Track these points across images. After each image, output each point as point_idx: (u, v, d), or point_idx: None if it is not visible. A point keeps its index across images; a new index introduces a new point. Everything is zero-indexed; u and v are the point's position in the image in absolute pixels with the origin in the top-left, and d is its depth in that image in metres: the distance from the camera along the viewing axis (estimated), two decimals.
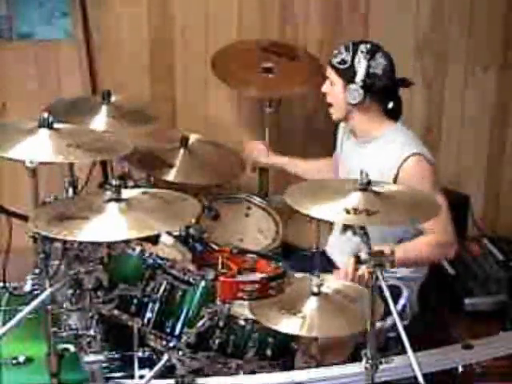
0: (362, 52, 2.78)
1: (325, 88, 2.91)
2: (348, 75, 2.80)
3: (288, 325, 2.24)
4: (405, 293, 2.85)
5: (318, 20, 3.64)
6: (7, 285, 2.80)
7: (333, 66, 2.84)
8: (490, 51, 3.76)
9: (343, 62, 2.80)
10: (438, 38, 3.71)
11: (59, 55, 3.49)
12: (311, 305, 2.27)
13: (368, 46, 2.80)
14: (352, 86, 2.79)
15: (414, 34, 3.69)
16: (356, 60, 2.78)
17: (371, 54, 2.78)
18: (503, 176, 3.94)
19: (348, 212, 2.02)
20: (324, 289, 2.30)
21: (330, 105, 2.91)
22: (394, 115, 2.90)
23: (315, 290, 2.28)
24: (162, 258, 2.53)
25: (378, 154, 2.83)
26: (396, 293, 2.81)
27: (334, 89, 2.86)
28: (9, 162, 2.26)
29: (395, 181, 2.74)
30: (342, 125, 3.08)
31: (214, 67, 3.37)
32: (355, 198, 2.07)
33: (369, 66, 2.78)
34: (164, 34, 3.57)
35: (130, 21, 3.52)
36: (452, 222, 2.78)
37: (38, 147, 2.20)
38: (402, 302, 2.82)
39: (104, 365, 2.50)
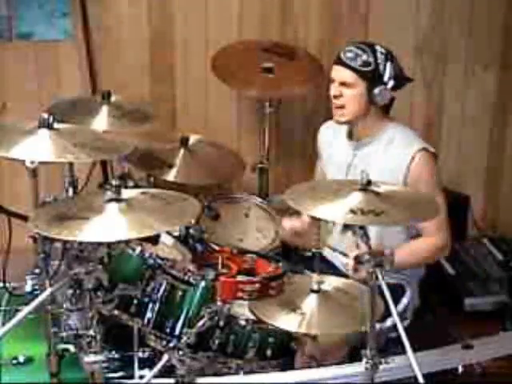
0: (381, 53, 2.76)
1: (336, 91, 2.80)
2: (374, 77, 2.74)
3: (287, 321, 2.24)
4: (408, 292, 2.85)
5: (318, 20, 3.64)
6: (7, 285, 2.81)
7: (353, 69, 2.75)
8: (490, 51, 3.76)
9: (367, 64, 2.74)
10: (438, 37, 3.71)
11: (59, 55, 3.49)
12: (311, 302, 2.27)
13: (381, 47, 2.78)
14: (380, 88, 2.75)
15: (414, 34, 3.69)
16: (379, 61, 2.75)
17: (390, 55, 2.78)
18: (503, 176, 3.94)
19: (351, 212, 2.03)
20: (324, 286, 2.30)
21: (341, 107, 2.80)
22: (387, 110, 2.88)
23: (315, 287, 2.28)
24: (162, 258, 2.53)
25: (385, 152, 2.81)
26: (399, 291, 2.81)
27: (352, 91, 2.76)
28: (9, 162, 2.26)
29: (406, 178, 2.74)
30: (324, 129, 3.04)
31: (213, 67, 3.37)
32: (355, 199, 2.07)
33: (394, 68, 2.77)
34: (164, 34, 3.57)
35: (130, 21, 3.52)
36: (449, 223, 2.78)
37: (38, 147, 2.20)
38: (404, 301, 2.82)
39: (104, 365, 2.50)
